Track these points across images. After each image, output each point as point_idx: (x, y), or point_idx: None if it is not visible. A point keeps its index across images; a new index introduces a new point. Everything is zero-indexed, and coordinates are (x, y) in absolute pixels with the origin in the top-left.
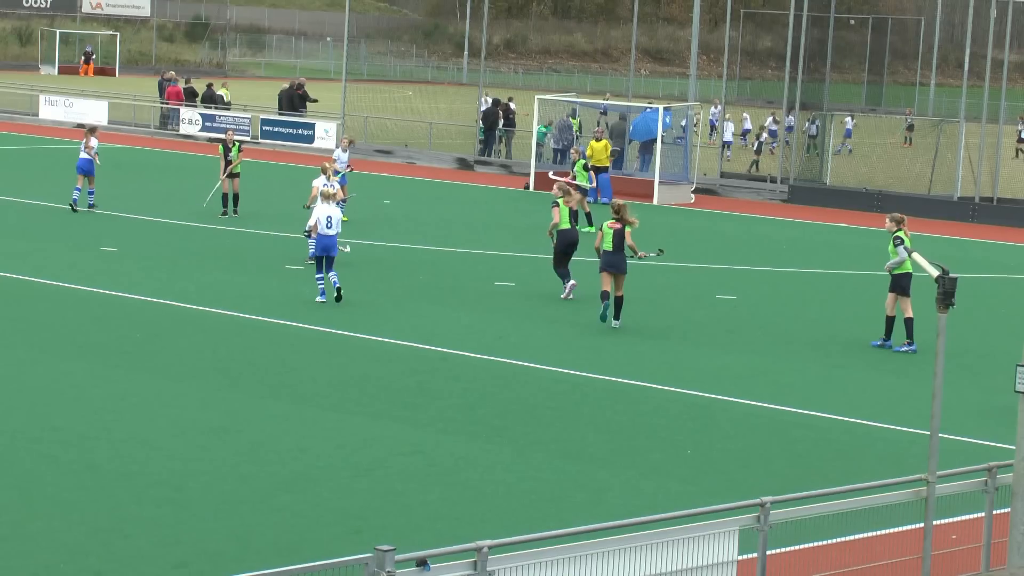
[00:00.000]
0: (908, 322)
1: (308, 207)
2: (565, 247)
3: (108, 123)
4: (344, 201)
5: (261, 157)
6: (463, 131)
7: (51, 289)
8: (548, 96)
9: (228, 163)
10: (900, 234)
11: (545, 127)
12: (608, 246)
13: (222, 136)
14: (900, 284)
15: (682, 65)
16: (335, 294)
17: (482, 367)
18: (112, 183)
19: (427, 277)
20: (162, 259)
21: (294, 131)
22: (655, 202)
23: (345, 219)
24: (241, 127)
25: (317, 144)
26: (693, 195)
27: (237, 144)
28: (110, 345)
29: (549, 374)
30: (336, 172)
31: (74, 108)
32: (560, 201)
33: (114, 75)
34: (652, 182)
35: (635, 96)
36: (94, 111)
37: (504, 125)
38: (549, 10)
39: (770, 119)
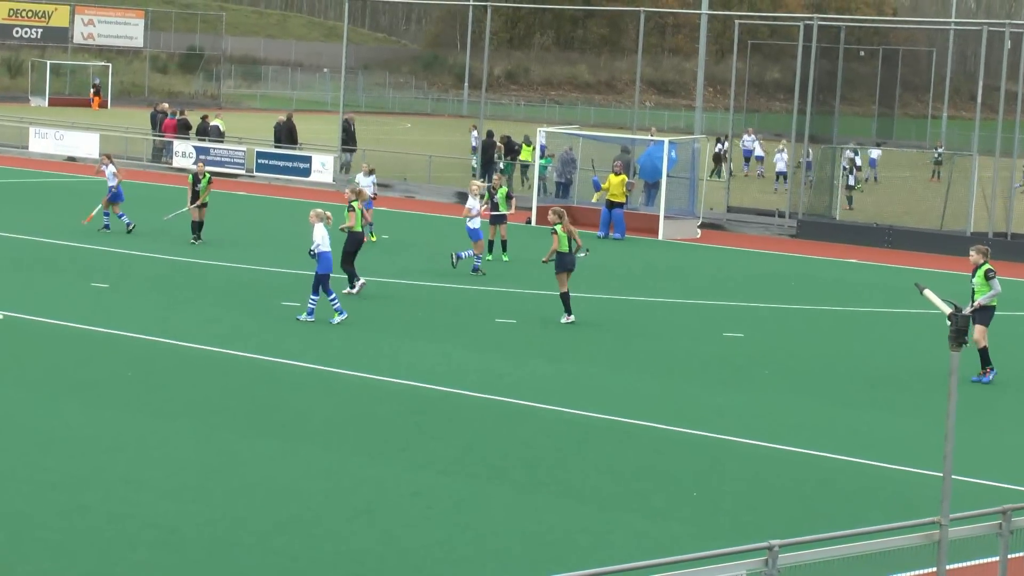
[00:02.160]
0: (983, 352)
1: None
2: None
3: (99, 156)
4: (371, 225)
5: (256, 191)
6: (463, 164)
7: (41, 326)
8: (551, 128)
9: (196, 194)
10: (988, 265)
11: (547, 160)
12: (565, 248)
13: (193, 168)
14: (987, 315)
15: (688, 97)
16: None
17: (482, 406)
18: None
19: (426, 313)
20: (154, 294)
21: (290, 164)
22: (660, 237)
23: (373, 239)
24: (236, 160)
25: (314, 178)
26: (699, 230)
27: (207, 176)
28: (101, 383)
29: (550, 413)
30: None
31: (64, 141)
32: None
33: (106, 107)
34: (657, 217)
35: (639, 128)
36: (85, 144)
37: (507, 157)
38: (551, 41)
39: (779, 153)
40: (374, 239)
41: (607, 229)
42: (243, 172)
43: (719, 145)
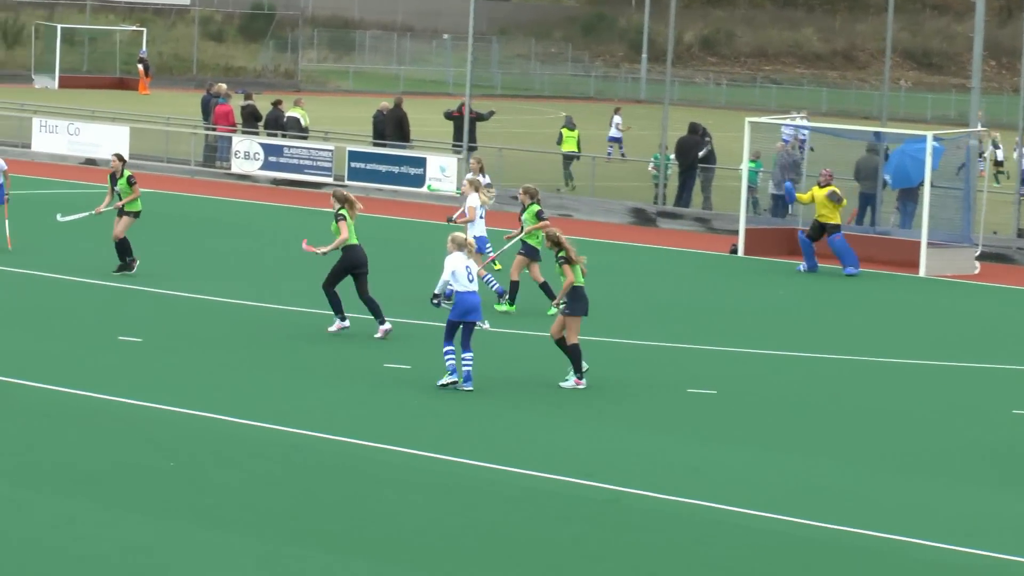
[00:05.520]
0: None
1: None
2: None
3: (130, 157)
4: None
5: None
6: (642, 170)
7: (46, 396)
8: (763, 119)
9: (117, 196)
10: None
11: (756, 163)
12: (582, 281)
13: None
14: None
15: (960, 74)
16: (463, 377)
17: (684, 515)
18: (135, 244)
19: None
20: (200, 353)
21: (397, 169)
22: (922, 273)
23: (497, 268)
24: (320, 163)
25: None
26: (978, 263)
27: (126, 175)
28: (126, 477)
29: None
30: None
31: (81, 136)
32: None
33: (138, 89)
34: (918, 245)
35: (890, 119)
36: (110, 140)
37: (701, 160)
38: None
39: None
40: (498, 267)
41: (813, 261)
42: (330, 180)
43: (991, 147)
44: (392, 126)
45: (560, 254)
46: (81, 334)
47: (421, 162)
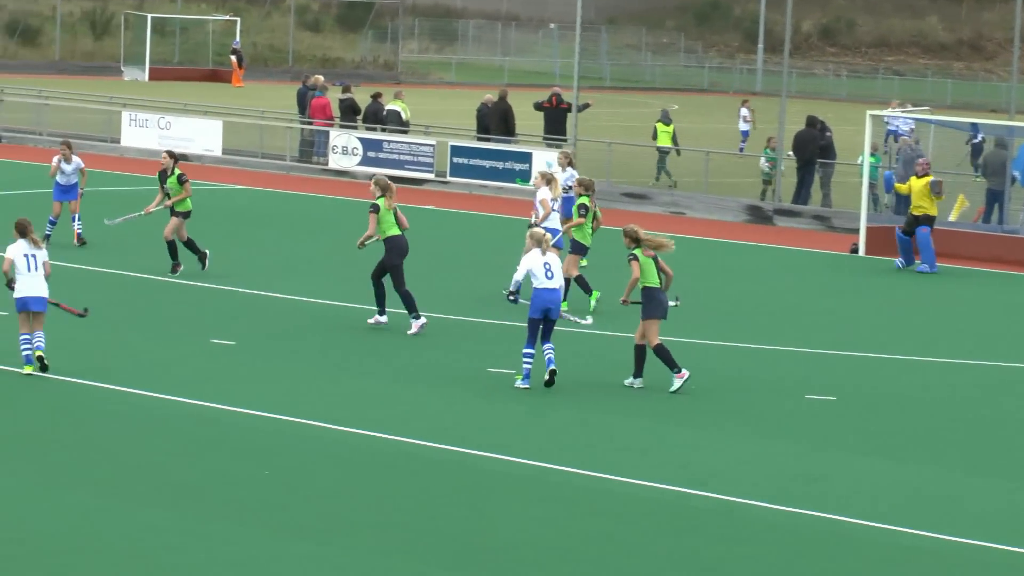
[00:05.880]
0: None
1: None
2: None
3: (222, 153)
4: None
5: (451, 204)
6: (754, 165)
7: (130, 401)
8: (885, 111)
9: (167, 195)
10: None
11: (876, 158)
12: (654, 281)
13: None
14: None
15: None
16: (546, 376)
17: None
18: (227, 241)
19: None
20: (297, 356)
21: (502, 165)
22: None
23: (583, 263)
24: (421, 159)
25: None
26: None
27: (176, 172)
28: (214, 486)
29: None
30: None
31: (172, 131)
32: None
33: (231, 81)
34: None
35: (1019, 112)
36: (201, 134)
37: (820, 154)
38: None
39: None
40: (584, 263)
41: (909, 257)
42: (432, 177)
43: None
44: (496, 120)
45: (634, 249)
46: (171, 336)
47: (527, 157)
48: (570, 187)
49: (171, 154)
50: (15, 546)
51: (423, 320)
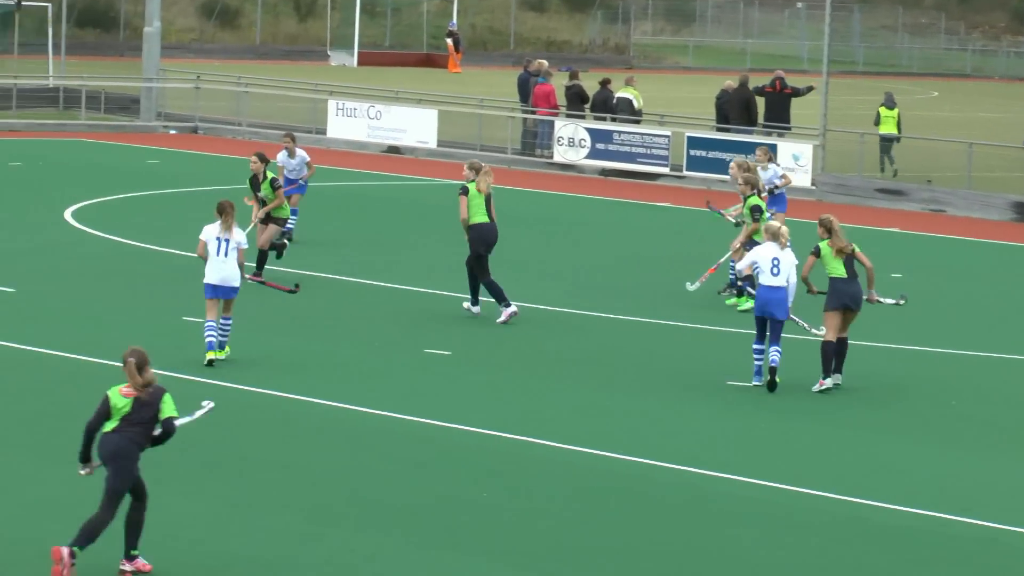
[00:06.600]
0: None
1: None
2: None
3: (437, 145)
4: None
5: (686, 201)
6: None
7: (337, 416)
8: None
9: (262, 203)
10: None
11: None
12: (840, 272)
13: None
14: None
15: None
16: (768, 377)
17: None
18: (441, 242)
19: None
20: (510, 367)
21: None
22: None
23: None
24: (655, 151)
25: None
26: None
27: (269, 176)
28: (431, 509)
29: None
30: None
31: (383, 121)
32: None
33: (447, 67)
34: None
35: None
36: (415, 125)
37: None
38: None
39: None
40: None
41: None
42: (666, 171)
43: None
44: (737, 108)
45: (822, 240)
46: (382, 345)
47: (771, 149)
48: (776, 186)
49: (262, 158)
50: (220, 572)
51: (513, 308)
